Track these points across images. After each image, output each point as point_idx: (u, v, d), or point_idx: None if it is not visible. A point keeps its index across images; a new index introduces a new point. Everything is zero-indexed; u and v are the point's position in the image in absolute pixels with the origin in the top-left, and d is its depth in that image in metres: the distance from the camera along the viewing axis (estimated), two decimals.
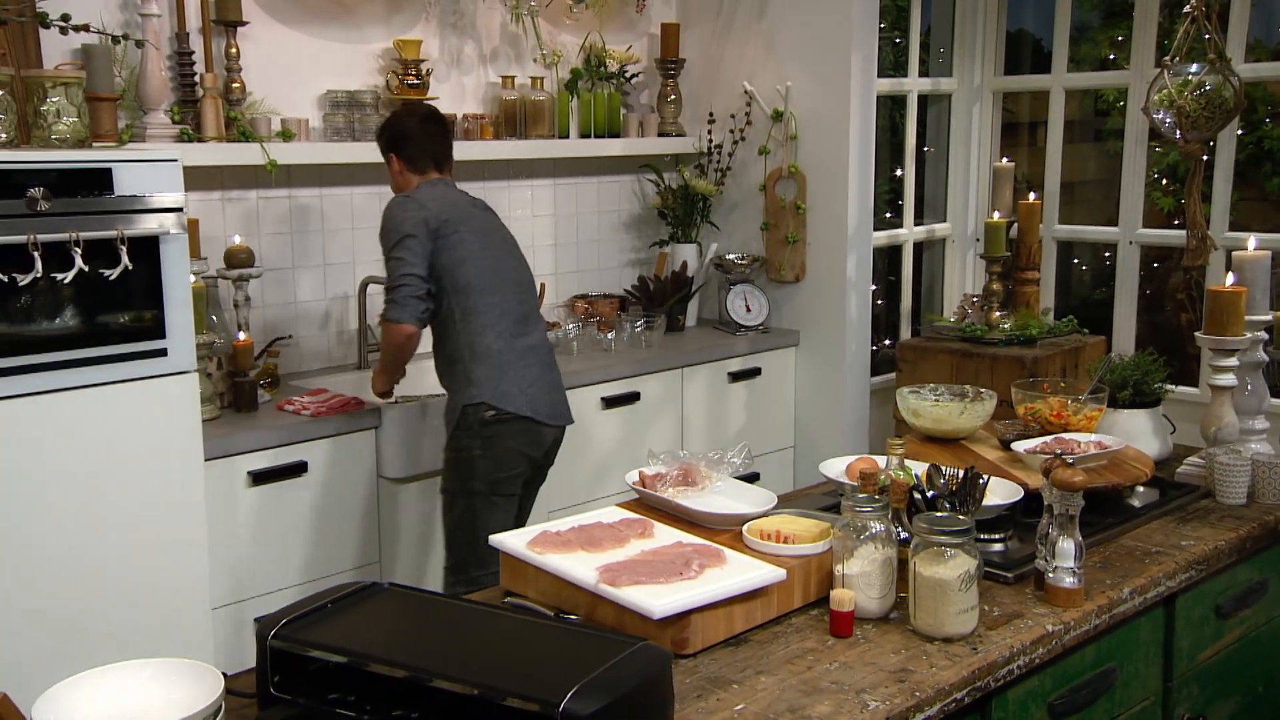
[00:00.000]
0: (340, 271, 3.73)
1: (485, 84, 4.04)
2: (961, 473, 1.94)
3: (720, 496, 2.10)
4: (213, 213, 3.43)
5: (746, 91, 4.33)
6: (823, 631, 1.79)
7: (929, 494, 1.91)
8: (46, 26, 2.58)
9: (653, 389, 3.88)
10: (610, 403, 3.74)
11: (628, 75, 4.32)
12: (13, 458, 2.43)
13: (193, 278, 3.07)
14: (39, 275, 2.40)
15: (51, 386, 2.48)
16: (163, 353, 2.64)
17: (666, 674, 1.50)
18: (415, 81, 3.70)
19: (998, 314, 4.21)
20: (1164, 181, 4.75)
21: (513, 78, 4.02)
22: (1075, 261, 5.03)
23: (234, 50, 3.38)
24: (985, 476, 1.93)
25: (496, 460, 2.94)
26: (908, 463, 2.16)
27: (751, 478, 4.20)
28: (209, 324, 3.21)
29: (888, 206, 4.88)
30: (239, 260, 3.31)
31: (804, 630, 1.80)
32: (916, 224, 4.75)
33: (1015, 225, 4.32)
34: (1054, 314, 4.50)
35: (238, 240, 3.34)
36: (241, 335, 3.24)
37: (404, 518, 3.28)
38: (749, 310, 4.30)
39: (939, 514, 1.81)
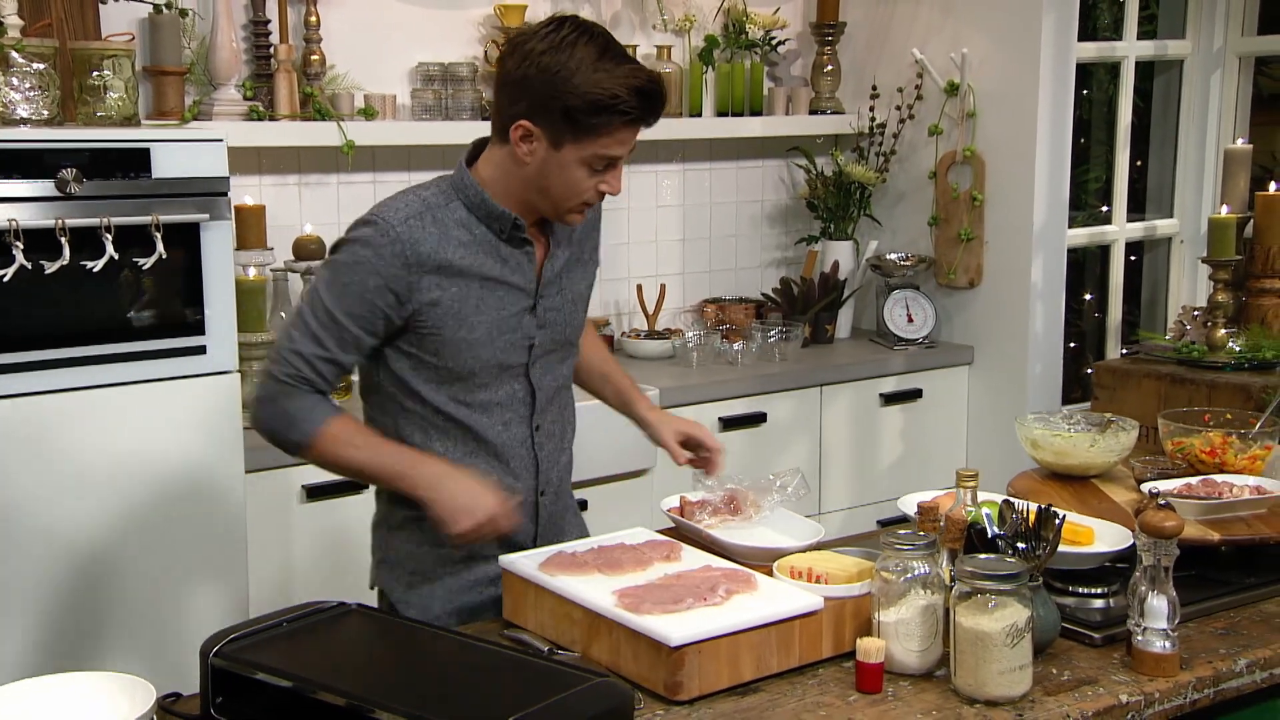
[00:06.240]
0: None
1: None
2: (1036, 509, 1.95)
3: (762, 528, 2.17)
4: (287, 199, 3.69)
5: (917, 61, 4.33)
6: (848, 686, 1.83)
7: (991, 533, 1.93)
8: None
9: (783, 410, 3.94)
10: (730, 424, 3.81)
11: (774, 43, 4.39)
12: (35, 458, 2.70)
13: (254, 270, 3.34)
14: (66, 263, 2.67)
15: (78, 384, 2.74)
16: (201, 350, 2.88)
17: (623, 713, 1.58)
18: None
19: (1223, 332, 4.07)
20: None
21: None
22: None
23: (314, 19, 3.62)
24: (1061, 514, 1.93)
25: None
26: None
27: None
28: (273, 322, 3.46)
29: (1099, 199, 4.78)
30: (309, 252, 3.55)
31: (827, 683, 1.85)
32: (1131, 220, 4.64)
33: (1251, 223, 4.18)
34: None
35: (309, 230, 3.58)
36: None
37: None
38: (911, 320, 4.30)
39: (984, 555, 1.83)
